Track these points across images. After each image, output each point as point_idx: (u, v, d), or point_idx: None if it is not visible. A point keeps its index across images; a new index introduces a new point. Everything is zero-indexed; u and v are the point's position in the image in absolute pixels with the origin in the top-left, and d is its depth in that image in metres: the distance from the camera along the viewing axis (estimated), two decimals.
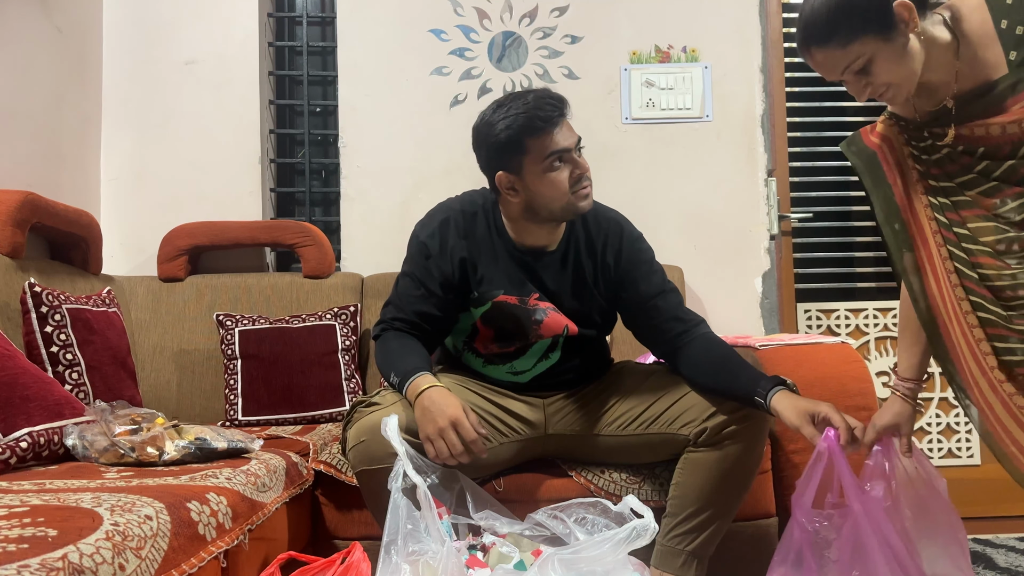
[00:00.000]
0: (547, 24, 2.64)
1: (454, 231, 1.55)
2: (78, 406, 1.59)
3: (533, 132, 1.42)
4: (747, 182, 2.61)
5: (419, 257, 1.54)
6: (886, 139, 1.29)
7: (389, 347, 1.50)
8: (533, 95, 1.44)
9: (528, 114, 1.41)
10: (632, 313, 1.60)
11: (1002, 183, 1.16)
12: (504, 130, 1.43)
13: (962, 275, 1.19)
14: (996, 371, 1.17)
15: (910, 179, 1.25)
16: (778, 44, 2.75)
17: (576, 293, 1.57)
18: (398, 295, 1.55)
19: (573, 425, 1.59)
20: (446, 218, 1.56)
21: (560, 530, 1.28)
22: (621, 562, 1.16)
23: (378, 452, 1.38)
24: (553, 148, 1.43)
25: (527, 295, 1.55)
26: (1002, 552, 2.21)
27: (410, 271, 1.55)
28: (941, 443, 2.70)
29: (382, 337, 1.53)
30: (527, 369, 1.60)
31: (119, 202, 2.60)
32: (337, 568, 1.24)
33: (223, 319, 2.24)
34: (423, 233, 1.57)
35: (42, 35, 2.30)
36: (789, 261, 2.71)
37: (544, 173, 1.44)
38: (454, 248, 1.53)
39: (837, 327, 2.76)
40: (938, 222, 1.21)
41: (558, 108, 1.44)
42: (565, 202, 1.47)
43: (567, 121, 1.46)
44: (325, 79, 2.84)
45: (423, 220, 1.61)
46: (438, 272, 1.52)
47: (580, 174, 1.46)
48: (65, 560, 0.83)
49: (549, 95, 1.45)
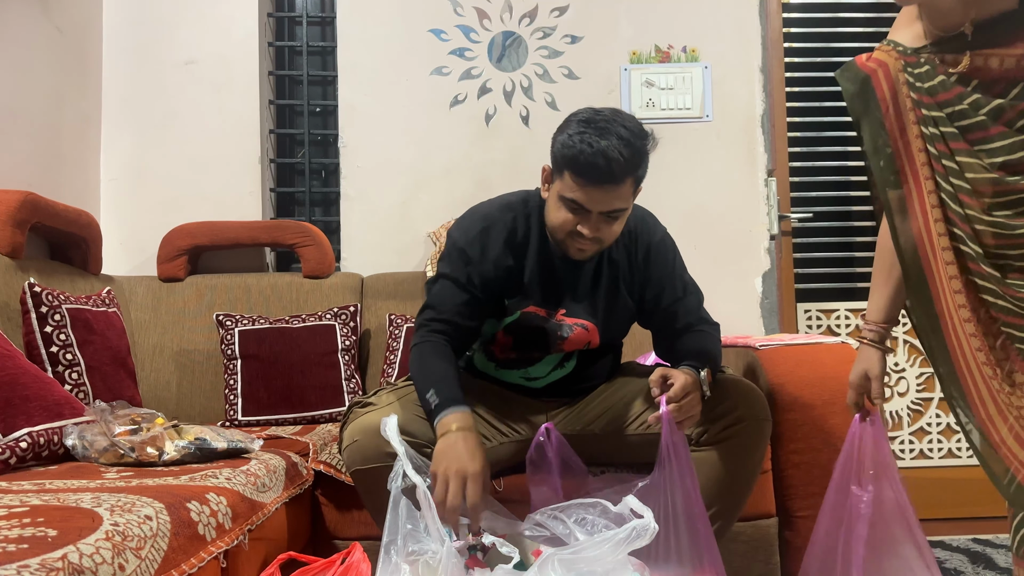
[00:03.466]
0: (547, 24, 2.64)
1: (495, 239, 1.49)
2: (78, 406, 1.59)
3: (575, 170, 1.35)
4: (747, 182, 2.61)
5: (459, 262, 1.48)
6: (882, 64, 1.24)
7: (427, 363, 1.44)
8: (617, 139, 1.33)
9: (585, 155, 1.32)
10: (650, 315, 1.58)
11: (989, 120, 1.13)
12: (562, 146, 1.37)
13: (947, 207, 1.16)
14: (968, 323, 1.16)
15: (903, 106, 1.20)
16: (778, 44, 2.75)
17: (608, 305, 1.54)
18: (437, 297, 1.50)
19: (574, 425, 1.59)
20: (487, 226, 1.50)
21: (560, 530, 1.28)
22: (621, 562, 1.15)
23: (371, 452, 1.38)
24: (575, 198, 1.36)
25: (555, 308, 1.52)
26: (1002, 552, 2.21)
27: (449, 273, 1.49)
28: (941, 443, 2.70)
29: (420, 347, 1.46)
30: (541, 376, 1.59)
31: (119, 202, 2.60)
32: (337, 568, 1.24)
33: (223, 319, 2.24)
34: (462, 239, 1.49)
35: (42, 35, 2.30)
36: (789, 261, 2.71)
37: (559, 203, 1.40)
38: (498, 257, 1.48)
39: (837, 327, 2.76)
40: (928, 153, 1.17)
41: (612, 175, 1.33)
42: (561, 239, 1.44)
43: (616, 187, 1.35)
44: (325, 79, 2.84)
45: (461, 225, 1.53)
46: (479, 279, 1.48)
47: (581, 233, 1.39)
48: (65, 560, 0.83)
49: (623, 151, 1.32)
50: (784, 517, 1.72)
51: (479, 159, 2.62)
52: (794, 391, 1.71)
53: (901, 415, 2.71)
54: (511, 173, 2.60)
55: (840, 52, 2.84)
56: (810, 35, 2.83)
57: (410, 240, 2.60)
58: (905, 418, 2.71)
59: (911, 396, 2.71)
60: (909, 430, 2.70)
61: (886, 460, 1.42)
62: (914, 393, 2.72)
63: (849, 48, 2.84)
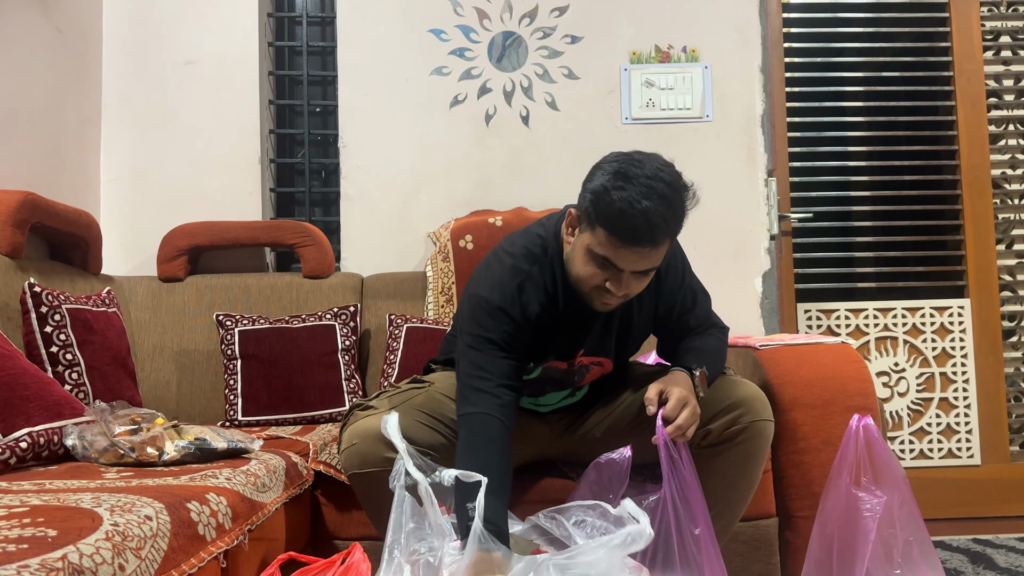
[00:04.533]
0: (547, 24, 2.64)
1: (532, 296, 1.40)
2: (78, 406, 1.59)
3: (612, 230, 1.27)
4: (747, 182, 2.61)
5: (498, 323, 1.37)
6: None
7: (479, 455, 1.30)
8: (659, 199, 1.25)
9: (627, 216, 1.24)
10: (660, 325, 1.56)
11: None
12: (598, 200, 1.28)
13: None
14: None
15: None
16: (778, 44, 2.75)
17: (622, 336, 1.51)
18: (485, 361, 1.36)
19: (575, 428, 1.59)
20: (521, 282, 1.39)
21: (559, 532, 1.28)
22: (617, 566, 1.15)
23: (370, 455, 1.38)
24: (607, 255, 1.29)
25: (574, 355, 1.49)
26: (1002, 552, 2.21)
27: (491, 336, 1.37)
28: (941, 443, 2.70)
29: (471, 418, 1.34)
30: (551, 404, 1.59)
31: (119, 202, 2.60)
32: (337, 569, 1.24)
33: (223, 319, 2.24)
34: (497, 297, 1.38)
35: (42, 35, 2.30)
36: (789, 261, 2.72)
37: (586, 257, 1.33)
38: (537, 315, 1.40)
39: (837, 327, 2.75)
40: None
41: (653, 239, 1.27)
42: (585, 291, 1.37)
43: (653, 250, 1.29)
44: (325, 79, 2.84)
45: (491, 282, 1.41)
46: (520, 338, 1.38)
47: (610, 290, 1.33)
48: (65, 560, 0.83)
49: (664, 214, 1.25)
50: (784, 517, 1.72)
51: (479, 159, 2.62)
52: (794, 391, 1.71)
53: (901, 415, 2.71)
54: (511, 173, 2.60)
55: (840, 52, 2.84)
56: (810, 35, 2.83)
57: (410, 240, 2.60)
58: (905, 418, 2.71)
59: (911, 396, 2.71)
60: (909, 430, 2.70)
61: (885, 458, 1.42)
62: (914, 393, 2.72)
63: (849, 48, 2.85)
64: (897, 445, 2.69)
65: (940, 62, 2.83)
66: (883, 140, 2.85)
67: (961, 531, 2.44)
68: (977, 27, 2.81)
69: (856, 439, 1.42)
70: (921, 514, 1.45)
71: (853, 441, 1.42)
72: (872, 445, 1.42)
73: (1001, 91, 2.87)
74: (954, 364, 2.73)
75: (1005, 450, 2.71)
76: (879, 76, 2.86)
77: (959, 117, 2.80)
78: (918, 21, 2.86)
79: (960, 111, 2.80)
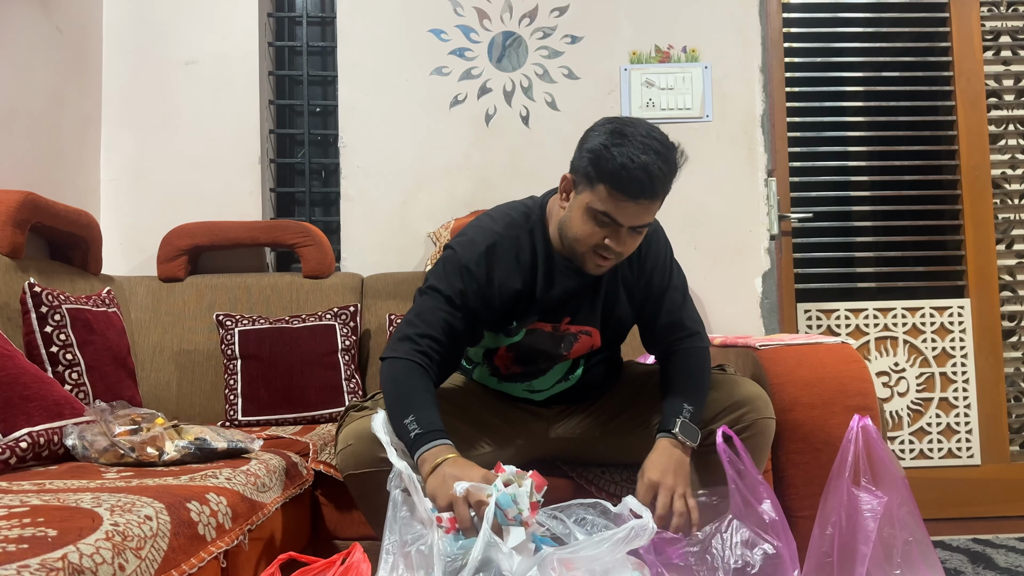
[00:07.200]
0: (547, 24, 2.64)
1: (502, 260, 1.43)
2: (78, 406, 1.59)
3: (614, 184, 1.30)
4: (747, 182, 2.61)
5: (456, 277, 1.40)
6: None
7: (402, 385, 1.34)
8: (655, 154, 1.30)
9: (628, 169, 1.28)
10: (641, 304, 1.55)
11: None
12: (597, 158, 1.31)
13: None
14: None
15: None
16: (778, 44, 2.75)
17: (609, 306, 1.51)
18: (426, 309, 1.40)
19: (574, 427, 1.59)
20: (492, 243, 1.43)
21: (560, 530, 1.28)
22: (620, 561, 1.16)
23: (365, 456, 1.38)
24: (608, 211, 1.32)
25: (560, 320, 1.49)
26: (1002, 552, 2.21)
27: (443, 289, 1.40)
28: (941, 443, 2.70)
29: (393, 363, 1.37)
30: (545, 389, 1.58)
31: (119, 202, 2.60)
32: (337, 569, 1.24)
33: (223, 319, 2.24)
34: (466, 255, 1.42)
35: (42, 35, 2.30)
36: (789, 261, 2.72)
37: (585, 216, 1.35)
38: (504, 279, 1.42)
39: (837, 327, 2.76)
40: None
41: (654, 191, 1.31)
42: (582, 251, 1.38)
43: (651, 203, 1.34)
44: (325, 79, 2.84)
45: (464, 240, 1.45)
46: (477, 297, 1.41)
47: (608, 247, 1.35)
48: (65, 560, 0.83)
49: (662, 167, 1.30)
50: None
51: (479, 159, 2.62)
52: (794, 391, 1.71)
53: (901, 415, 2.71)
54: (511, 173, 2.60)
55: (840, 52, 2.84)
56: (810, 35, 2.83)
57: (410, 240, 2.60)
58: (905, 418, 2.71)
59: (911, 396, 2.71)
60: (909, 430, 2.70)
61: (885, 458, 1.42)
62: (914, 393, 2.72)
63: (849, 48, 2.85)
64: (897, 445, 2.69)
65: (940, 62, 2.83)
66: (883, 140, 2.85)
67: (961, 531, 2.44)
68: (977, 27, 2.81)
69: (856, 439, 1.42)
70: (921, 514, 1.45)
71: (853, 441, 1.42)
72: (872, 445, 1.42)
73: (1001, 91, 2.87)
74: (954, 364, 2.73)
75: (1005, 450, 2.71)
76: (879, 76, 2.86)
77: (959, 117, 2.80)
78: (918, 21, 2.87)
79: (960, 111, 2.80)
